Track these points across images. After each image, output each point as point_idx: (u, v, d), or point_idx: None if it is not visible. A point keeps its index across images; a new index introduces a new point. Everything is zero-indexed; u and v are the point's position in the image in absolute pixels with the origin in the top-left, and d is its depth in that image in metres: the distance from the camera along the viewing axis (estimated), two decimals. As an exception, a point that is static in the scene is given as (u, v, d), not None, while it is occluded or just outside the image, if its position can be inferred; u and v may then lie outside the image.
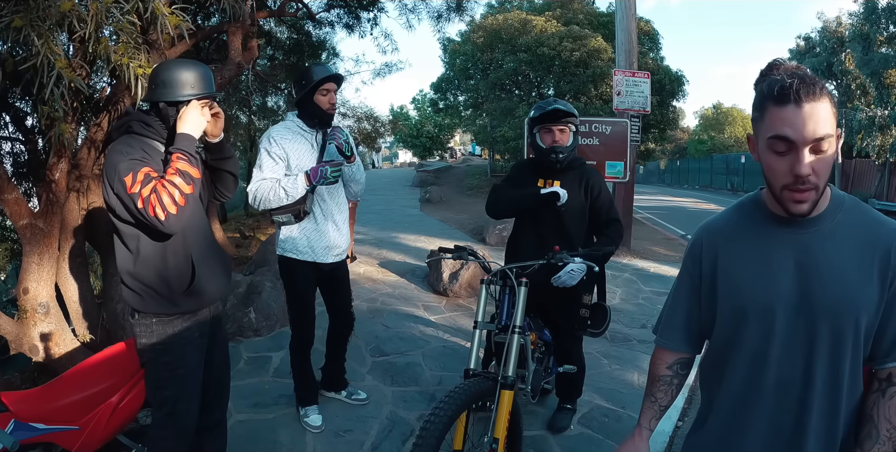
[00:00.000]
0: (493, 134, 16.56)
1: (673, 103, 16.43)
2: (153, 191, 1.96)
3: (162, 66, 2.15)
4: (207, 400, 2.42)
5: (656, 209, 17.37)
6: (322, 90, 3.01)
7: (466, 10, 7.83)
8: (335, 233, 3.22)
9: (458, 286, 6.03)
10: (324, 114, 3.06)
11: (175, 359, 2.22)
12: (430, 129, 31.66)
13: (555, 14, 17.82)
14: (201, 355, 2.32)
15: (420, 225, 10.81)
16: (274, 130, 3.05)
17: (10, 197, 3.56)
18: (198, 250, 2.24)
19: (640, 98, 8.78)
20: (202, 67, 2.17)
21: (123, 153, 2.02)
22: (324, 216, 3.17)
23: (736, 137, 42.11)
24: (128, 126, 2.13)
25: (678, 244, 10.34)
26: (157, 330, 2.18)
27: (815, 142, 1.11)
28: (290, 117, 3.15)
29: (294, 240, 3.13)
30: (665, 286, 7.03)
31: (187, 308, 2.23)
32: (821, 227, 1.24)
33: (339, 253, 3.28)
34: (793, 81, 1.12)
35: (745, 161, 26.55)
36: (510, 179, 3.30)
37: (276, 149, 2.98)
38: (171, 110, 2.13)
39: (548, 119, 3.01)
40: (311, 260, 3.15)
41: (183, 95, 2.11)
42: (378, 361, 4.33)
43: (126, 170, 1.98)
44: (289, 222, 3.08)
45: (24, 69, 2.39)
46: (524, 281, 2.64)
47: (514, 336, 2.53)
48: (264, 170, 2.98)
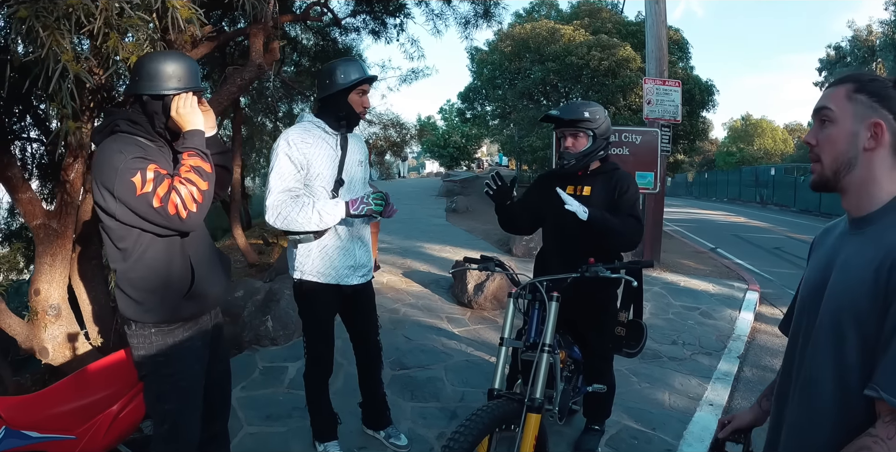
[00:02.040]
0: (520, 144, 16.42)
1: (703, 114, 16.13)
2: (171, 188, 1.87)
3: (146, 57, 2.03)
4: (208, 411, 2.27)
5: (685, 222, 17.03)
6: (359, 90, 2.67)
7: (494, 16, 7.68)
8: (361, 251, 2.84)
9: (483, 298, 5.83)
10: (355, 116, 2.73)
11: (177, 371, 2.08)
12: (457, 139, 31.65)
13: (583, 23, 17.69)
14: (203, 365, 2.18)
15: (445, 235, 10.64)
16: (293, 132, 2.64)
17: (24, 196, 3.51)
18: (197, 251, 2.11)
19: (670, 107, 8.55)
20: (188, 60, 2.05)
21: (121, 152, 1.88)
22: (348, 231, 2.76)
23: (765, 149, 41.46)
24: (114, 125, 2.00)
25: (708, 257, 10.04)
26: (157, 340, 2.04)
27: (816, 111, 1.26)
28: (307, 118, 2.75)
29: (313, 261, 2.72)
30: (696, 300, 6.77)
31: (189, 313, 2.09)
32: (868, 229, 1.21)
33: (364, 273, 2.88)
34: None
35: (774, 173, 26.05)
36: (531, 186, 3.15)
37: (297, 154, 2.57)
38: (156, 104, 2.00)
39: (560, 124, 2.86)
40: (335, 283, 2.76)
41: (168, 88, 1.98)
42: (398, 375, 4.14)
43: (131, 170, 1.85)
44: (307, 240, 2.67)
45: (30, 62, 2.29)
46: (555, 295, 2.43)
47: (543, 355, 2.33)
48: (286, 179, 2.58)
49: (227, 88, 3.89)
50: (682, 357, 4.88)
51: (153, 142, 2.06)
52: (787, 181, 24.57)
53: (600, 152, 2.87)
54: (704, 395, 4.11)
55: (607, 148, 2.92)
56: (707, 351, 5.06)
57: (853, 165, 1.21)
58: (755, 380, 4.53)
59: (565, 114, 2.82)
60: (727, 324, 5.95)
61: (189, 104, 1.99)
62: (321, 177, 2.65)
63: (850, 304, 1.15)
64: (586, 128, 2.79)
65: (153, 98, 1.99)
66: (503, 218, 3.08)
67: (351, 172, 2.76)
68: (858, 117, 1.20)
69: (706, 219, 18.71)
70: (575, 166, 2.85)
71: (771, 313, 6.63)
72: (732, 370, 4.63)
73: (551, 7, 21.62)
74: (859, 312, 1.14)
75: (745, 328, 5.82)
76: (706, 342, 5.33)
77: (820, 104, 1.26)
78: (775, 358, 5.02)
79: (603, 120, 2.83)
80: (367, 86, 2.71)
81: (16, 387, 3.67)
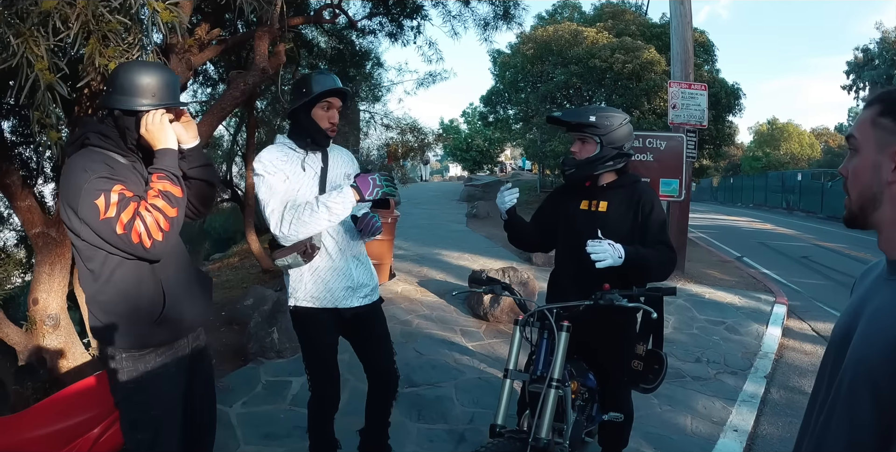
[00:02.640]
0: (542, 148, 16.16)
1: (729, 118, 15.73)
2: (136, 215, 1.72)
3: (121, 67, 1.88)
4: (190, 439, 2.11)
5: (710, 228, 16.58)
6: (324, 102, 2.43)
7: (514, 18, 7.46)
8: (359, 270, 2.59)
9: (499, 310, 5.62)
10: (319, 134, 2.47)
11: (148, 398, 1.92)
12: (479, 143, 31.45)
13: (606, 25, 17.38)
14: (180, 391, 2.02)
15: (464, 241, 10.44)
16: (264, 154, 2.44)
17: (23, 204, 3.43)
18: (169, 274, 1.95)
19: (696, 111, 8.30)
20: (167, 73, 1.89)
21: (86, 170, 1.74)
22: (339, 250, 2.54)
23: (792, 154, 40.78)
24: (84, 138, 1.86)
25: (734, 267, 9.68)
26: (127, 366, 1.89)
27: (846, 139, 1.13)
28: (279, 139, 2.55)
29: (306, 285, 2.50)
30: (721, 314, 6.49)
31: (160, 339, 1.94)
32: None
33: (366, 293, 2.62)
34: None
35: (801, 178, 25.51)
36: (544, 202, 2.93)
37: (273, 168, 2.38)
38: (129, 120, 1.86)
39: (566, 127, 2.65)
40: (332, 307, 2.53)
41: (142, 105, 1.82)
42: (405, 392, 3.94)
43: (94, 192, 1.71)
44: (296, 264, 2.42)
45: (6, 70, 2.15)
46: (566, 325, 2.23)
47: (550, 390, 2.13)
48: (274, 189, 2.37)
49: (230, 93, 3.76)
50: (706, 376, 4.64)
51: (125, 158, 1.91)
52: (813, 187, 24.03)
53: (608, 162, 2.60)
54: (729, 420, 3.87)
55: (621, 159, 2.63)
56: (732, 370, 4.81)
57: (879, 201, 1.07)
58: (782, 403, 4.26)
59: (568, 116, 2.61)
60: (754, 340, 5.68)
61: (158, 121, 1.84)
62: (302, 197, 2.43)
63: (870, 361, 1.00)
64: (592, 133, 2.57)
65: (125, 113, 1.85)
66: (512, 233, 2.88)
67: (337, 186, 2.49)
68: (881, 145, 1.05)
69: (731, 226, 18.25)
70: (575, 174, 2.63)
71: (799, 328, 6.33)
72: (759, 391, 4.37)
73: (574, 9, 21.35)
74: (876, 372, 0.98)
75: (772, 344, 5.54)
76: (732, 360, 5.07)
77: (848, 131, 1.13)
78: (804, 379, 4.75)
79: (615, 127, 2.56)
80: (337, 100, 2.46)
81: (16, 396, 3.58)
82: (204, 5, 4.93)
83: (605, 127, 2.55)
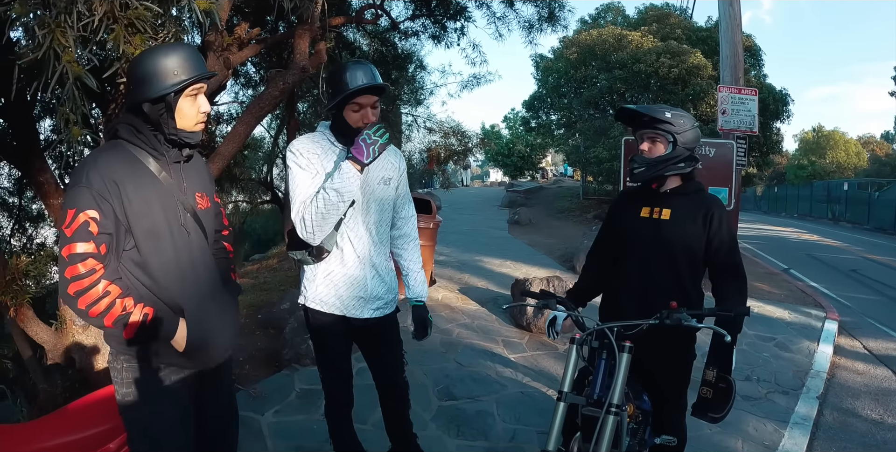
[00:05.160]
0: (585, 154, 15.83)
1: (776, 125, 15.15)
2: (97, 283, 1.60)
3: (134, 60, 1.71)
4: None
5: (755, 239, 15.91)
6: (354, 104, 2.17)
7: (559, 20, 7.25)
8: (375, 281, 2.37)
9: (542, 320, 5.36)
10: (353, 135, 2.21)
11: (144, 415, 1.76)
12: (521, 149, 31.16)
13: (651, 29, 16.97)
14: (187, 408, 1.85)
15: (506, 248, 10.21)
16: (298, 142, 2.28)
17: (55, 202, 3.39)
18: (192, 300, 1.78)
19: (746, 117, 7.93)
20: (181, 47, 1.72)
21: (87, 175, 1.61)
22: (357, 256, 2.32)
23: (838, 162, 39.41)
24: (115, 130, 1.72)
25: (782, 279, 9.22)
26: (126, 376, 1.73)
27: None
28: (321, 128, 2.36)
29: (317, 287, 2.34)
30: (771, 329, 6.12)
31: (175, 362, 1.78)
32: None
33: (380, 306, 2.41)
34: None
35: (847, 188, 24.30)
36: (605, 222, 2.72)
37: (306, 161, 2.22)
38: (157, 109, 1.69)
39: (637, 123, 2.42)
40: (340, 314, 2.36)
41: (166, 87, 1.65)
42: (445, 406, 3.75)
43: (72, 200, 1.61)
44: (306, 261, 2.32)
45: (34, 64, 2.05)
46: (627, 345, 2.01)
47: (608, 417, 1.91)
48: (300, 186, 2.22)
49: (269, 92, 3.64)
50: (757, 396, 4.32)
51: (157, 161, 1.75)
52: (860, 197, 22.87)
53: (680, 163, 2.38)
54: (781, 444, 3.59)
55: (691, 162, 2.41)
56: (784, 390, 4.48)
57: None
58: (836, 427, 3.93)
59: (644, 109, 2.37)
60: (805, 358, 5.32)
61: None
62: None
63: None
64: (666, 131, 2.33)
65: (153, 103, 1.69)
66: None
67: (368, 191, 2.32)
68: None
69: (777, 237, 17.51)
70: (645, 173, 2.38)
71: (851, 345, 5.92)
72: (811, 413, 4.05)
73: (618, 13, 21.00)
74: None
75: (824, 363, 5.18)
76: (783, 379, 4.74)
77: None
78: (857, 400, 4.40)
79: (689, 128, 2.35)
80: (368, 97, 2.19)
81: (45, 395, 3.53)
82: (244, 5, 4.87)
83: (680, 125, 2.32)
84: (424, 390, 3.91)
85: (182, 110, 1.72)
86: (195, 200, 1.85)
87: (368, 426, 3.33)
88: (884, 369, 5.17)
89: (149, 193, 1.69)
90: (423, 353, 4.48)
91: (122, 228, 1.65)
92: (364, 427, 3.23)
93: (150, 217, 1.69)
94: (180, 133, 1.73)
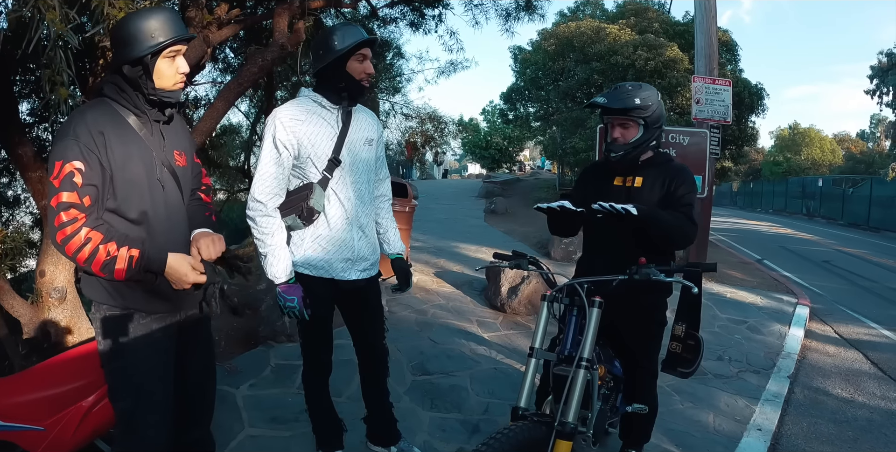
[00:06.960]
0: (562, 145, 15.96)
1: (752, 118, 15.47)
2: (79, 231, 1.64)
3: (117, 23, 1.78)
4: (185, 415, 1.99)
5: (730, 231, 16.36)
6: (359, 55, 2.28)
7: (537, 10, 7.32)
8: (362, 242, 2.47)
9: (516, 301, 5.47)
10: (356, 86, 2.32)
11: (128, 364, 1.81)
12: (498, 141, 31.23)
13: (629, 22, 17.15)
14: (168, 360, 1.90)
15: (482, 236, 10.29)
16: (282, 110, 2.31)
17: (33, 175, 3.38)
18: (164, 238, 1.84)
19: (720, 107, 8.15)
20: (164, 11, 1.78)
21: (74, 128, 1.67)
22: (346, 218, 2.40)
23: (813, 159, 40.27)
24: (100, 89, 1.78)
25: (754, 268, 9.51)
26: (109, 326, 1.79)
27: None
28: (304, 93, 2.40)
29: (305, 251, 2.39)
30: (743, 313, 6.32)
31: (149, 307, 1.83)
32: None
33: (365, 267, 2.51)
34: None
35: (822, 184, 25.07)
36: (576, 185, 2.80)
37: (284, 135, 2.26)
38: (136, 70, 1.75)
39: (607, 111, 2.49)
40: (328, 277, 2.43)
41: (143, 49, 1.71)
42: (419, 380, 3.83)
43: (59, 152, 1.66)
44: (297, 226, 2.36)
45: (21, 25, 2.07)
46: (597, 300, 2.08)
47: (579, 371, 1.99)
48: (264, 164, 2.28)
49: (248, 69, 3.67)
50: (728, 374, 4.48)
51: (139, 119, 1.82)
52: (834, 193, 23.62)
53: (652, 142, 2.50)
54: (752, 418, 3.72)
55: (660, 136, 2.55)
56: (755, 369, 4.65)
57: None
58: (807, 404, 4.09)
59: (613, 102, 2.42)
60: (776, 340, 5.51)
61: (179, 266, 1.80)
62: (315, 158, 2.32)
63: None
64: (637, 116, 2.42)
65: (132, 65, 1.75)
66: (557, 225, 2.71)
67: (354, 151, 2.40)
68: None
69: (751, 230, 17.97)
70: (623, 158, 2.49)
71: (822, 330, 6.15)
72: (783, 391, 4.21)
73: (596, 6, 21.12)
74: None
75: (795, 345, 5.38)
76: (754, 359, 4.91)
77: None
78: (827, 380, 4.60)
79: (656, 106, 2.44)
80: (368, 50, 2.32)
81: (21, 370, 3.54)
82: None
83: (648, 107, 2.41)
84: (399, 366, 3.97)
85: (160, 71, 1.78)
86: (174, 157, 1.93)
87: (343, 398, 3.39)
88: (854, 352, 5.38)
89: (129, 146, 1.76)
90: (398, 331, 4.54)
91: (107, 178, 1.71)
92: (339, 401, 3.28)
93: (130, 168, 1.76)
94: (159, 93, 1.79)
